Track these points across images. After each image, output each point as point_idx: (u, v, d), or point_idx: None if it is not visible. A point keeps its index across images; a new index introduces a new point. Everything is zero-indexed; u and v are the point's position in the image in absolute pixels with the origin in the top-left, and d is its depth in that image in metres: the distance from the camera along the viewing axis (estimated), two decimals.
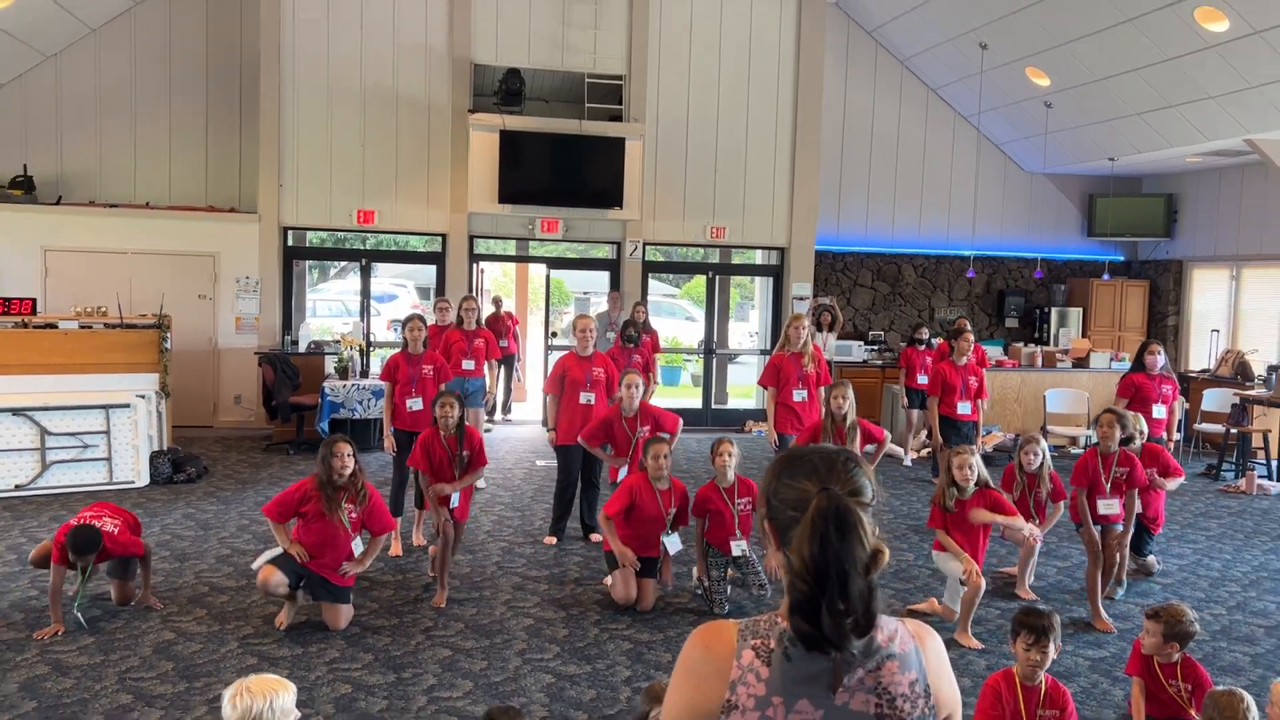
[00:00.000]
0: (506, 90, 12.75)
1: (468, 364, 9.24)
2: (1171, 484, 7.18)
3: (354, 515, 6.01)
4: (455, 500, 6.73)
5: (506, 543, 7.99)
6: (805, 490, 1.79)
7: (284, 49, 12.42)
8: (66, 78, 12.59)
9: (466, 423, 6.95)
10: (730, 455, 6.55)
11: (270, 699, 3.52)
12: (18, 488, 8.98)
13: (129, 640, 5.79)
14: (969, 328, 9.83)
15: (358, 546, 6.11)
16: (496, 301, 14.01)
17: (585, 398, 7.90)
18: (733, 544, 6.51)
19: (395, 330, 13.51)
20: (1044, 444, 6.96)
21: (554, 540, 8.02)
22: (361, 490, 6.05)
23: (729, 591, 6.71)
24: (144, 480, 9.44)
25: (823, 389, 8.23)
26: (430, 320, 8.79)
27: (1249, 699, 3.88)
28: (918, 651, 1.83)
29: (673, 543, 6.61)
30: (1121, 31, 11.02)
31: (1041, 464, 6.82)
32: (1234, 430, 11.35)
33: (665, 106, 13.39)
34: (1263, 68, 10.12)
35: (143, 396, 9.73)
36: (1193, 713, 4.62)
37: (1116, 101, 12.30)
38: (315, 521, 5.92)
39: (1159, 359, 8.43)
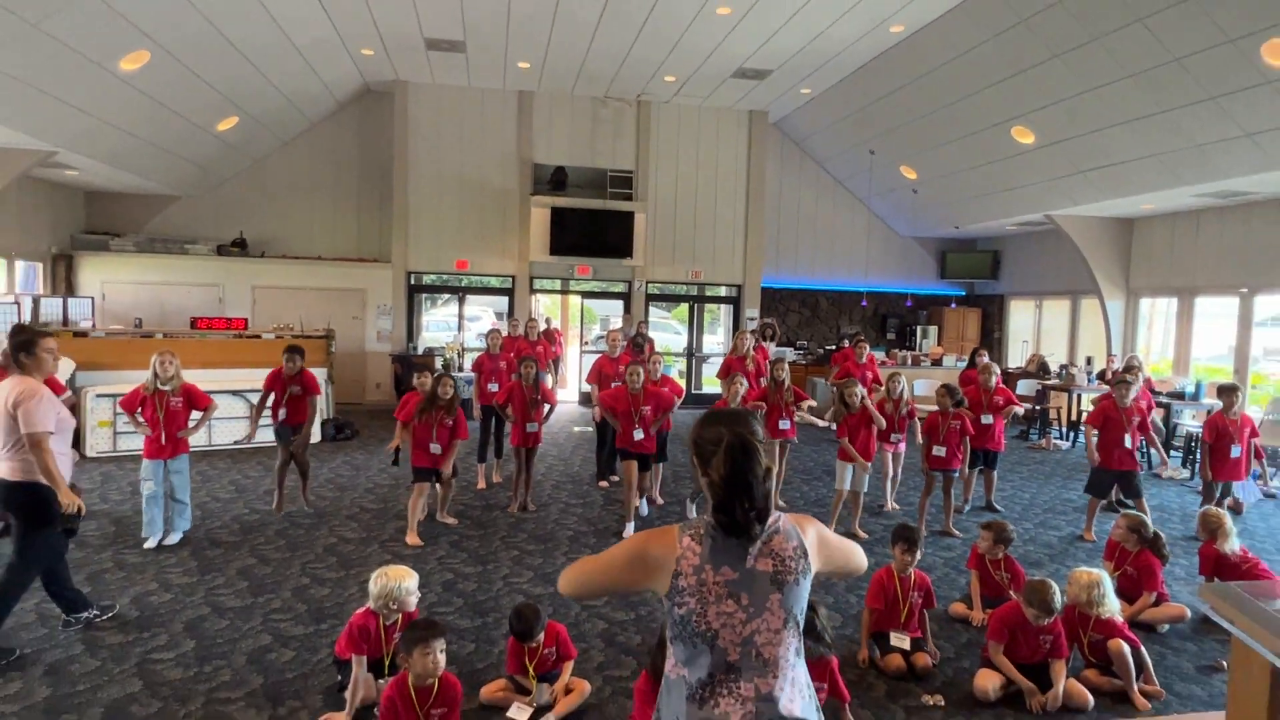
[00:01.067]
0: (554, 180, 12.77)
1: None
2: (1016, 410, 7.06)
3: (448, 423, 5.98)
4: (535, 427, 6.75)
5: (555, 481, 7.98)
6: (719, 432, 1.82)
7: (410, 151, 12.40)
8: (268, 171, 12.59)
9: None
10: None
11: (400, 581, 3.56)
12: (235, 443, 9.01)
13: (307, 542, 5.81)
14: (864, 338, 9.80)
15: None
16: (548, 321, 13.95)
17: (615, 385, 7.81)
18: None
19: (481, 340, 13.48)
20: (904, 377, 6.90)
21: (605, 485, 7.79)
22: (454, 408, 6.00)
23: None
24: (317, 438, 9.42)
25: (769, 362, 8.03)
26: (504, 332, 8.75)
27: (1054, 584, 3.89)
28: (795, 528, 1.85)
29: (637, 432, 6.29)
30: (962, 143, 10.98)
31: (901, 390, 6.76)
32: (1037, 407, 11.32)
33: (661, 190, 13.34)
34: (1057, 168, 10.07)
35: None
36: (1012, 593, 4.61)
37: (960, 189, 12.25)
38: (427, 430, 5.92)
39: (984, 358, 8.39)
